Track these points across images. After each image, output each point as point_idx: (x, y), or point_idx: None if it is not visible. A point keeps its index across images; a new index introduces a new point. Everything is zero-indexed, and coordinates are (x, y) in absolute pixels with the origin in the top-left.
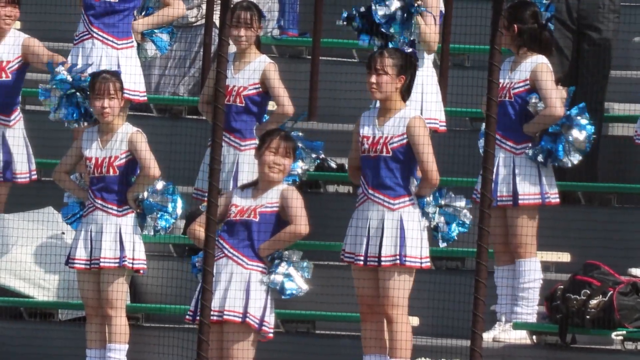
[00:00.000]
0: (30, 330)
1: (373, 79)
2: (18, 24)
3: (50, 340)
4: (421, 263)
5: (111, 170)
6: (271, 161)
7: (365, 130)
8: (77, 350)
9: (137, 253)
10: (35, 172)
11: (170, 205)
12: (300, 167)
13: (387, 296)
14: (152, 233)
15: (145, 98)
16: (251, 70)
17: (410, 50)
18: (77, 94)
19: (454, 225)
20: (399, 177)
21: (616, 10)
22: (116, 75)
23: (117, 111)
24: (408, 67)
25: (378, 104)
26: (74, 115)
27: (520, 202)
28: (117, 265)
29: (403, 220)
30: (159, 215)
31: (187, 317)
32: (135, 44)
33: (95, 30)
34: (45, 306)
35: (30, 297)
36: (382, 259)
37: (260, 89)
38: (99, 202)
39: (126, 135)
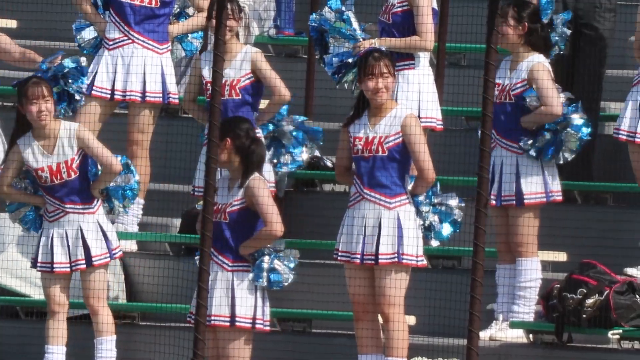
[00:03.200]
0: (26, 329)
1: (380, 84)
2: (14, 23)
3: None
4: (417, 261)
5: (72, 174)
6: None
7: (357, 132)
8: (73, 349)
9: (116, 242)
10: None
11: (133, 180)
12: (304, 152)
13: (384, 295)
14: (122, 213)
15: (178, 100)
16: (240, 61)
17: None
18: (61, 81)
19: (447, 225)
20: (395, 176)
21: (613, 9)
22: (44, 79)
23: (52, 115)
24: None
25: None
26: (62, 103)
27: (525, 201)
28: (109, 259)
29: (400, 218)
30: (128, 194)
31: (189, 318)
32: (171, 47)
33: (135, 35)
34: (42, 305)
35: (26, 296)
36: (380, 257)
37: (253, 78)
38: (69, 206)
39: (72, 133)
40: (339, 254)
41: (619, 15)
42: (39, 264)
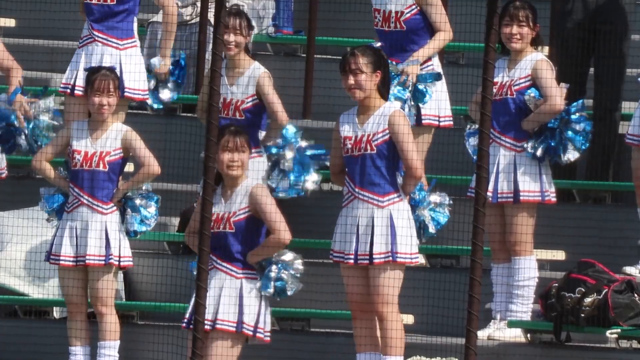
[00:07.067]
0: (25, 328)
1: (351, 80)
2: (13, 22)
3: (45, 338)
4: (411, 259)
5: (101, 165)
6: (228, 159)
7: (346, 131)
8: None
9: (123, 250)
10: (5, 170)
11: (149, 211)
12: (307, 181)
13: (378, 294)
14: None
15: (147, 97)
16: (246, 80)
17: (378, 44)
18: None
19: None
20: (385, 174)
21: (630, 9)
22: (114, 72)
23: (113, 109)
24: (381, 63)
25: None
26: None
27: (521, 198)
28: (103, 262)
29: (393, 217)
30: (137, 219)
31: (184, 325)
32: (137, 43)
33: (97, 33)
34: (40, 304)
35: (25, 295)
36: (374, 256)
37: (257, 100)
38: (86, 197)
39: (120, 133)
40: (334, 254)
41: (631, 15)
42: (50, 256)
